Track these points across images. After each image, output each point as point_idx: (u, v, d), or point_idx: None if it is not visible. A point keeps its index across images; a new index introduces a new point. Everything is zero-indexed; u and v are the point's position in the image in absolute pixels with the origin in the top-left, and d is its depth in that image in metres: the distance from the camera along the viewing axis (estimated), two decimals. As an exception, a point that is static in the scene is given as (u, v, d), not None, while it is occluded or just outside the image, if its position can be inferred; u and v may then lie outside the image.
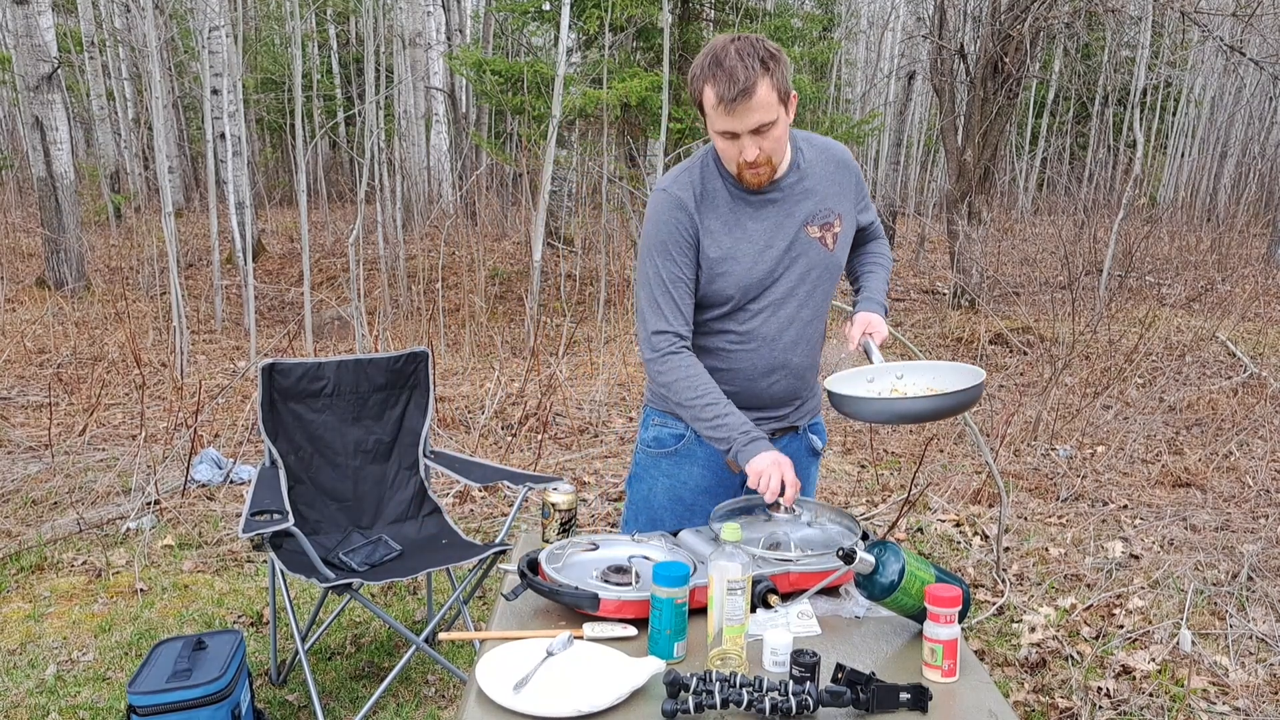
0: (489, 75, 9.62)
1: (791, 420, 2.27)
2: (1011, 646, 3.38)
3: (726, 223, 2.09)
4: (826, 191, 2.15)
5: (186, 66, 16.98)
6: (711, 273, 2.10)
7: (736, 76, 1.88)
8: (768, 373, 2.18)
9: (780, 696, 1.48)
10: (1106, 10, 10.07)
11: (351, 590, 2.64)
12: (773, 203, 2.10)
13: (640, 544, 2.03)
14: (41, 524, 4.19)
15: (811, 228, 2.13)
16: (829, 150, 2.19)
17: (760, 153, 1.97)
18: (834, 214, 2.15)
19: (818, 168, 2.15)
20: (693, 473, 2.25)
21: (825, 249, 2.14)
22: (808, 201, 2.13)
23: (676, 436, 2.26)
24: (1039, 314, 9.15)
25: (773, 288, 2.12)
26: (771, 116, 1.93)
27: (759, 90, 1.89)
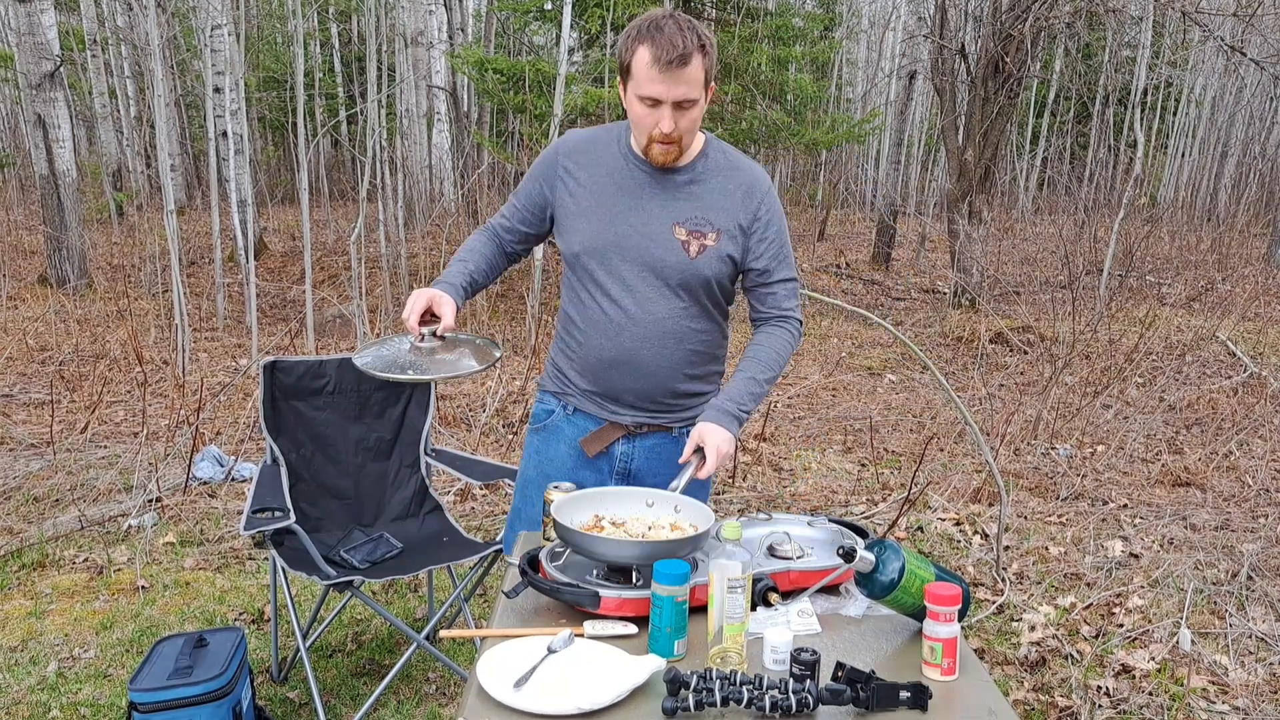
0: (491, 74, 9.62)
1: (661, 420, 2.24)
2: (1011, 645, 3.39)
3: (598, 184, 2.11)
4: (711, 204, 2.10)
5: (189, 64, 16.97)
6: (563, 223, 2.15)
7: (676, 42, 1.90)
8: (614, 363, 2.15)
9: (780, 694, 1.49)
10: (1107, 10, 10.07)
11: (352, 588, 2.64)
12: (653, 189, 2.09)
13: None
14: (43, 521, 4.19)
15: (679, 228, 2.09)
16: (742, 173, 2.13)
17: (675, 129, 1.98)
18: (710, 226, 2.10)
19: (716, 180, 2.11)
20: (560, 451, 2.26)
21: (686, 254, 2.09)
22: (687, 203, 2.10)
23: (547, 412, 2.29)
24: (1039, 313, 9.15)
25: (620, 269, 2.10)
26: (695, 95, 1.95)
27: (693, 62, 1.92)
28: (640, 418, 2.23)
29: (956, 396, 3.94)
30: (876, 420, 5.99)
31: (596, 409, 2.24)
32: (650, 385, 2.18)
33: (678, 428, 2.25)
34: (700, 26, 1.96)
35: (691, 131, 2.02)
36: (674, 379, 2.19)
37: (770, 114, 9.69)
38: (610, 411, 2.23)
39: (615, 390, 2.20)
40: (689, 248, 2.09)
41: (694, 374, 2.21)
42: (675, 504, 2.01)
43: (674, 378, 2.19)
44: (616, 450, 2.25)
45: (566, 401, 2.27)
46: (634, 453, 2.25)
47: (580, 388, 2.25)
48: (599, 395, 2.22)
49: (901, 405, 6.53)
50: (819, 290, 10.70)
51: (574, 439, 2.26)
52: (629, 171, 2.11)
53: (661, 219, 2.09)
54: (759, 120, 9.70)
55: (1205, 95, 18.94)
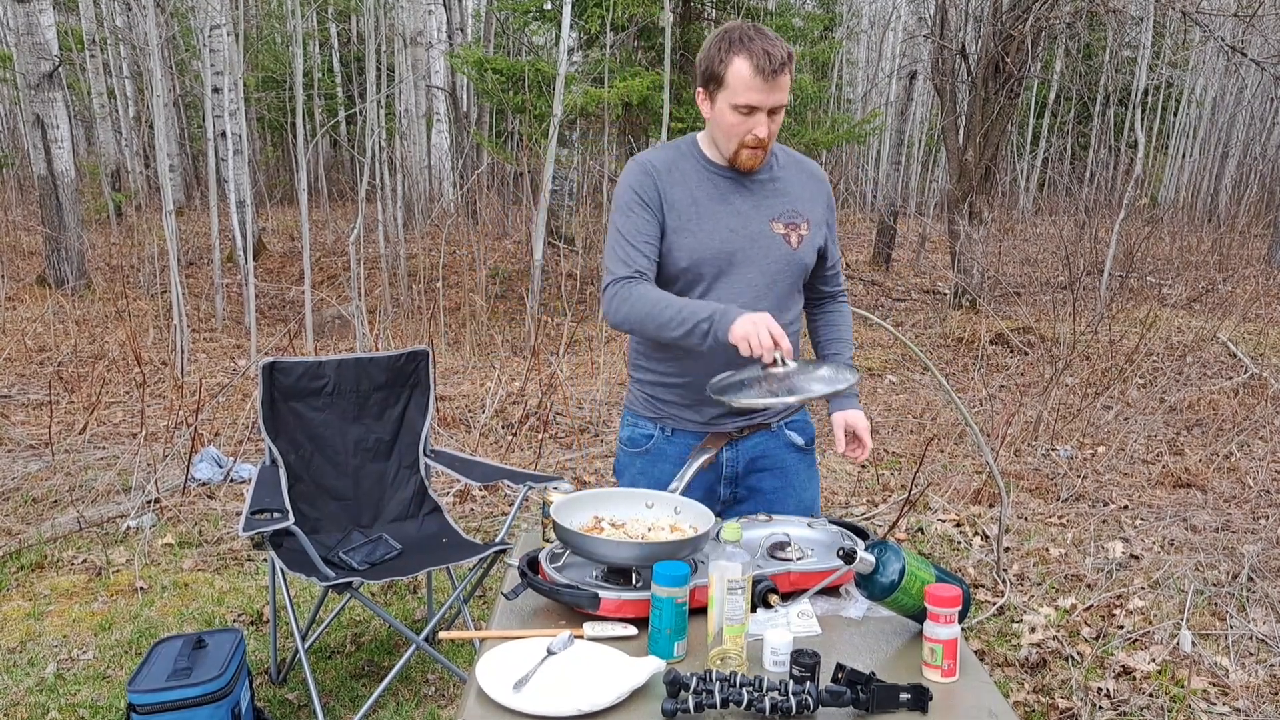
0: (490, 74, 9.62)
1: (761, 418, 2.27)
2: (1012, 646, 3.38)
3: (691, 196, 2.14)
4: (798, 195, 2.20)
5: (187, 65, 16.97)
6: (671, 240, 2.14)
7: (772, 53, 1.98)
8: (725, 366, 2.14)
9: (780, 696, 1.48)
10: (1108, 10, 10.07)
11: (351, 589, 2.64)
12: (742, 190, 2.16)
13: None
14: (42, 522, 4.19)
15: (777, 224, 2.16)
16: (805, 164, 2.27)
17: (769, 134, 2.05)
18: (801, 216, 2.19)
19: (791, 173, 2.22)
20: (665, 470, 2.27)
21: (789, 246, 2.16)
22: (776, 199, 2.17)
23: (646, 436, 2.31)
24: (1040, 314, 9.15)
25: (727, 272, 2.13)
26: (786, 101, 2.04)
27: (786, 73, 2.01)
28: (741, 421, 2.25)
29: (957, 397, 3.93)
30: (877, 421, 5.98)
31: (697, 425, 2.25)
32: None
33: (776, 423, 2.29)
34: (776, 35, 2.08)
35: (770, 134, 2.08)
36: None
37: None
38: (712, 422, 2.24)
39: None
40: (790, 239, 2.17)
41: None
42: (675, 505, 2.01)
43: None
44: (723, 457, 2.27)
45: (664, 424, 2.29)
46: (739, 456, 2.28)
47: (679, 405, 2.25)
48: (701, 406, 2.20)
49: (902, 406, 6.53)
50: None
51: (678, 458, 2.25)
52: (713, 180, 2.16)
53: (757, 218, 2.15)
54: (759, 120, 9.67)
55: (1206, 96, 18.94)
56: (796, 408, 2.32)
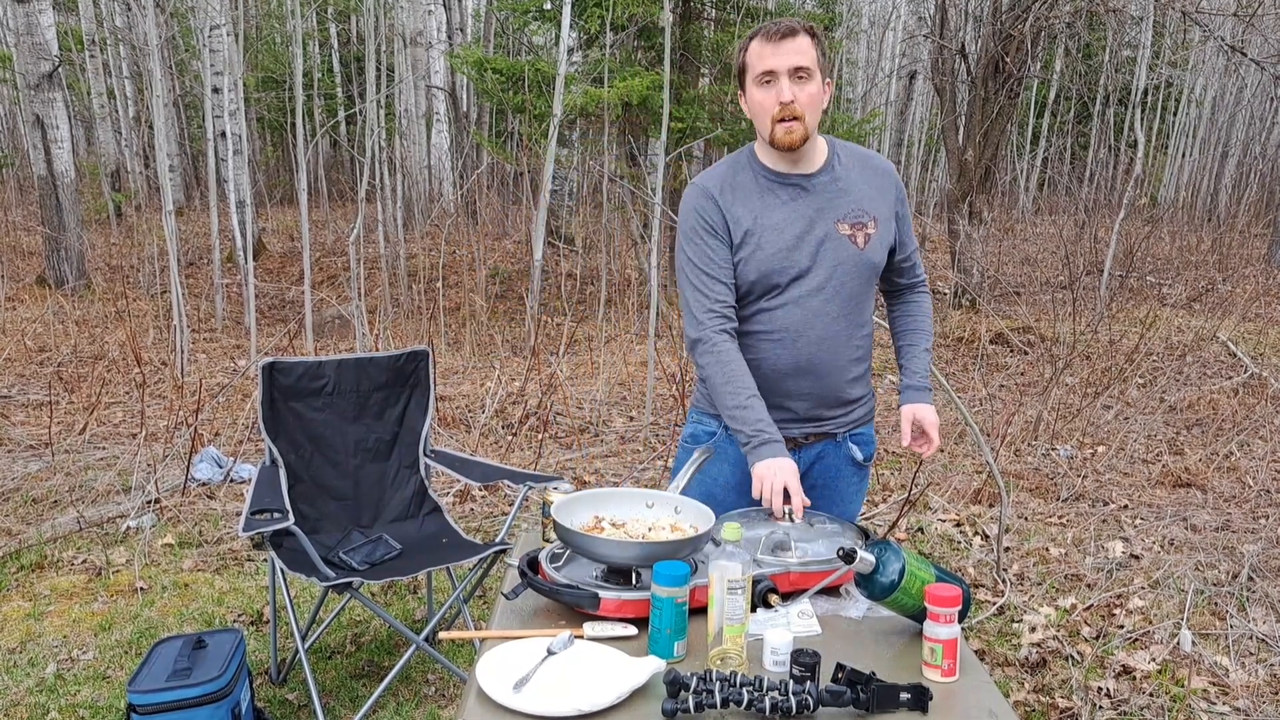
0: (490, 74, 9.61)
1: (828, 427, 2.25)
2: (1012, 646, 3.38)
3: (753, 209, 2.13)
4: (862, 193, 2.17)
5: (187, 65, 16.97)
6: (736, 257, 2.14)
7: (781, 22, 2.04)
8: (793, 371, 2.17)
9: (780, 696, 1.48)
10: (1107, 10, 10.07)
11: (351, 589, 2.64)
12: (804, 194, 2.14)
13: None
14: (42, 522, 4.19)
15: (842, 225, 2.14)
16: (869, 158, 2.23)
17: (795, 100, 2.02)
18: (868, 215, 2.16)
19: (854, 171, 2.19)
20: (723, 470, 2.27)
21: (856, 247, 2.14)
22: (840, 199, 2.15)
23: (709, 434, 2.30)
24: (1040, 314, 9.15)
25: (797, 278, 2.13)
26: (807, 64, 2.02)
27: (801, 36, 2.02)
28: (808, 428, 2.24)
29: (957, 397, 3.93)
30: (876, 421, 5.97)
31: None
32: (824, 389, 2.21)
33: (841, 433, 2.28)
34: (812, 23, 2.10)
35: (812, 110, 2.05)
36: (843, 382, 2.23)
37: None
38: (782, 425, 2.19)
39: (790, 401, 2.21)
40: (856, 240, 2.15)
41: (858, 375, 2.26)
42: (675, 505, 2.01)
43: (843, 380, 2.23)
44: None
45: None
46: (801, 463, 2.26)
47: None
48: (769, 410, 2.17)
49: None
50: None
51: (738, 459, 2.22)
52: (773, 188, 2.14)
53: (822, 222, 2.14)
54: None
55: (1205, 95, 18.94)
56: (864, 419, 2.32)
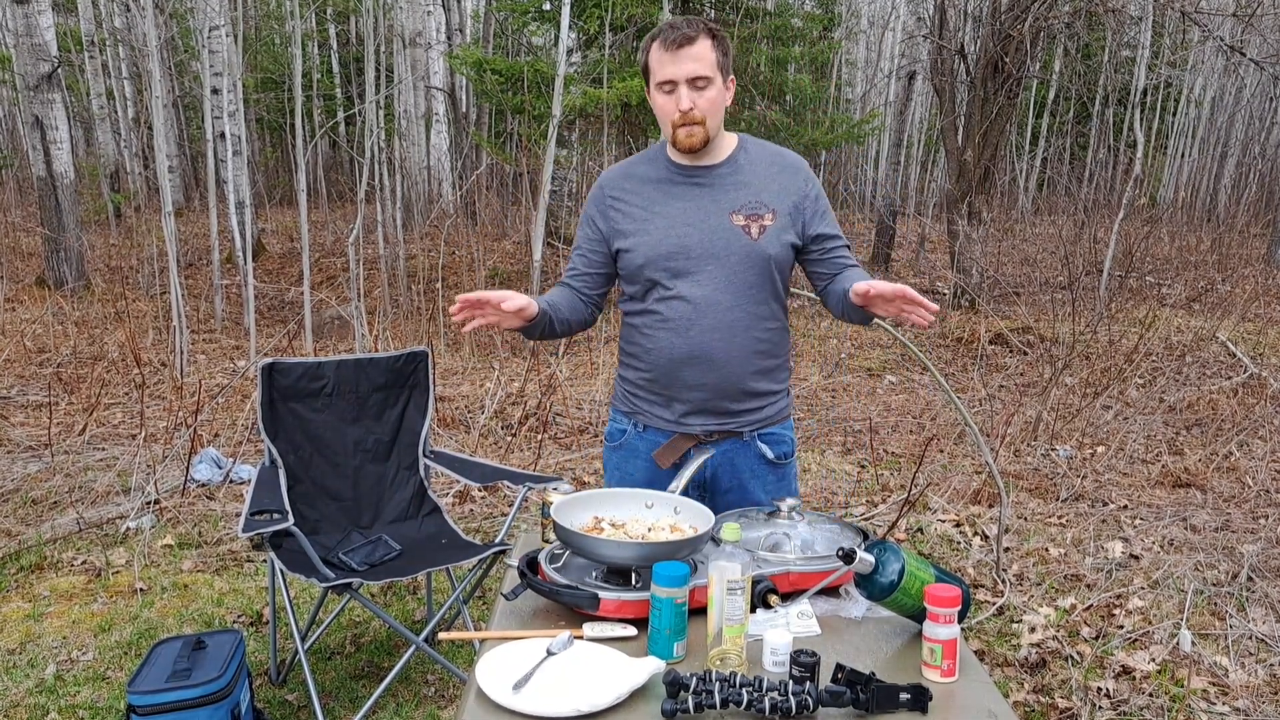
0: (489, 75, 9.62)
1: (732, 425, 2.24)
2: (1011, 647, 3.38)
3: (649, 197, 2.21)
4: (762, 186, 2.20)
5: (186, 66, 16.97)
6: (624, 244, 2.22)
7: (679, 27, 2.08)
8: (687, 359, 2.18)
9: (780, 696, 1.48)
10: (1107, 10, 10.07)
11: (351, 590, 2.64)
12: (702, 186, 2.19)
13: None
14: (41, 523, 4.19)
15: (737, 216, 2.17)
16: (779, 155, 2.27)
17: (695, 107, 2.09)
18: (765, 208, 2.19)
19: (760, 166, 2.22)
20: (637, 466, 2.31)
21: (749, 238, 2.16)
22: (738, 192, 2.19)
23: (620, 431, 2.35)
24: (1039, 314, 9.15)
25: (686, 268, 2.16)
26: (707, 72, 2.08)
27: (699, 41, 2.07)
28: (710, 424, 2.24)
29: (956, 397, 3.93)
30: (876, 421, 5.98)
31: (666, 422, 2.26)
32: (721, 379, 2.20)
33: (748, 431, 2.26)
34: (712, 22, 2.13)
35: (713, 113, 2.12)
36: (743, 374, 2.21)
37: (769, 114, 9.69)
38: (680, 423, 2.24)
39: (686, 392, 2.22)
40: (750, 230, 2.17)
41: (762, 369, 2.23)
42: (675, 505, 2.01)
43: (743, 372, 2.21)
44: (690, 457, 2.26)
45: (637, 420, 2.31)
46: (708, 466, 2.27)
47: (650, 401, 2.27)
48: (670, 403, 2.23)
49: (901, 406, 6.52)
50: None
51: (648, 454, 2.28)
52: (673, 179, 2.21)
53: (717, 212, 2.18)
54: (758, 120, 9.70)
55: (1205, 95, 18.95)
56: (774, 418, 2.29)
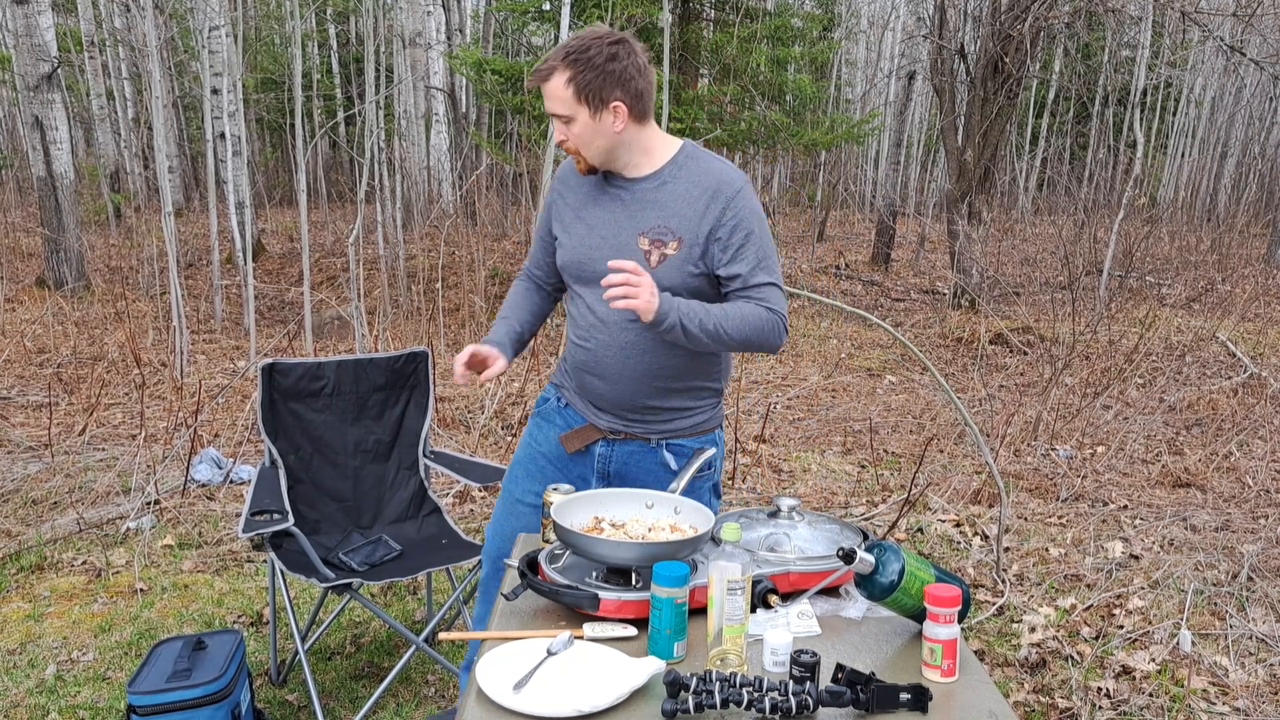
0: (489, 75, 9.62)
1: (637, 430, 2.25)
2: (1011, 647, 3.38)
3: (581, 200, 2.22)
4: (675, 211, 2.10)
5: (186, 66, 16.97)
6: (557, 238, 2.27)
7: (539, 67, 2.07)
8: (585, 368, 2.23)
9: (780, 696, 1.48)
10: (1106, 10, 10.08)
11: (351, 590, 2.64)
12: (622, 199, 2.16)
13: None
14: (41, 524, 4.19)
15: (644, 238, 2.12)
16: (709, 177, 2.10)
17: (566, 139, 2.10)
18: (671, 234, 2.09)
19: (681, 186, 2.11)
20: (549, 433, 2.35)
21: (648, 264, 2.10)
22: (650, 211, 2.12)
23: (545, 399, 2.40)
24: (1039, 314, 9.15)
25: (590, 281, 2.17)
26: (564, 111, 2.06)
27: (552, 80, 2.06)
28: (615, 424, 2.26)
29: (956, 398, 3.93)
30: (876, 421, 5.98)
31: (582, 407, 2.31)
32: (618, 393, 2.21)
33: (655, 438, 2.26)
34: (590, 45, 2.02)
35: (586, 144, 2.10)
36: (642, 391, 2.20)
37: (769, 114, 9.69)
38: (592, 413, 2.29)
39: (590, 394, 2.27)
40: (650, 257, 2.11)
41: (668, 388, 2.20)
42: (675, 505, 2.01)
43: (641, 390, 2.19)
44: (596, 450, 2.30)
45: (562, 394, 2.37)
46: (612, 455, 2.29)
47: (573, 384, 2.33)
48: (585, 397, 2.30)
49: (901, 406, 6.53)
50: (818, 291, 10.70)
51: (564, 427, 2.34)
52: (603, 186, 2.20)
53: (629, 229, 2.14)
54: (758, 121, 9.70)
55: (1205, 95, 18.95)
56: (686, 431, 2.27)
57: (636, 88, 2.06)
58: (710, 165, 2.13)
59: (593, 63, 2.02)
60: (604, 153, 2.11)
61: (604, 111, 2.05)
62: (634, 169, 2.14)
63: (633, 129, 2.09)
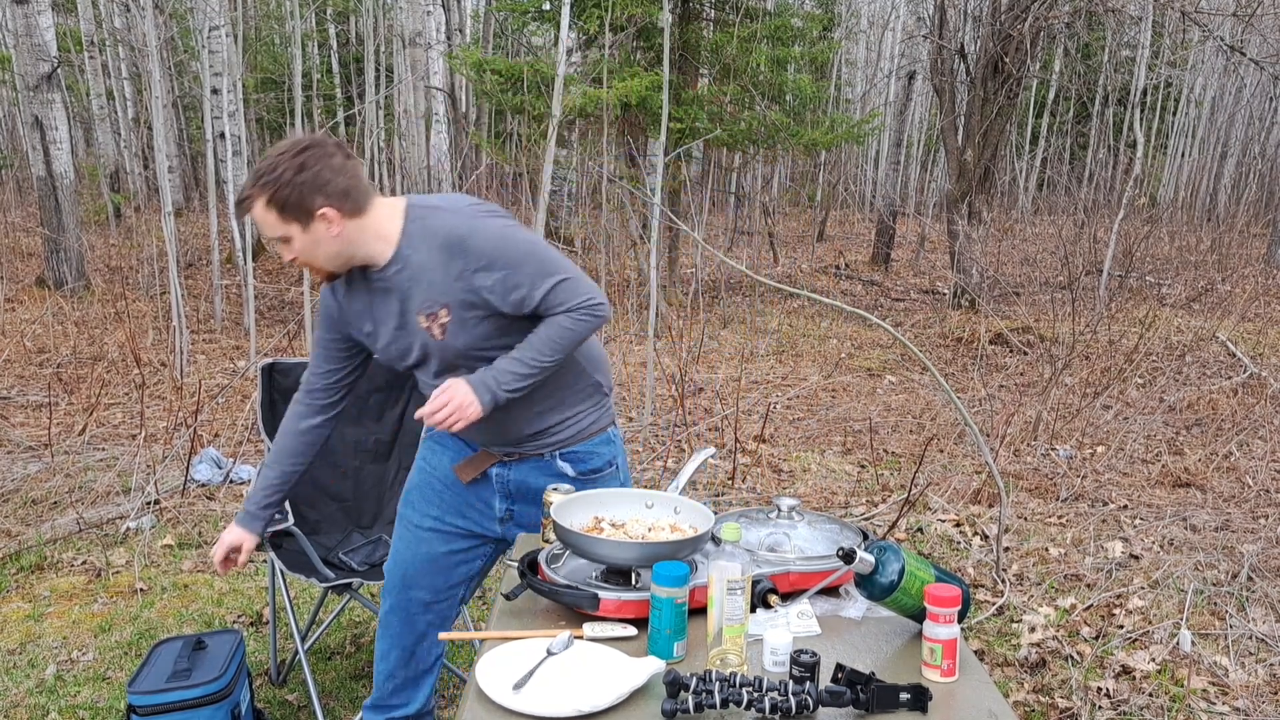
0: (489, 75, 9.63)
1: (527, 449, 2.26)
2: (1011, 646, 3.38)
3: (361, 306, 2.18)
4: (429, 280, 2.06)
5: (186, 66, 16.97)
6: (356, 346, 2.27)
7: (240, 193, 2.02)
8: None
9: (780, 696, 1.48)
10: (1107, 10, 10.08)
11: (351, 590, 2.64)
12: (386, 292, 2.12)
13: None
14: (41, 524, 4.19)
15: (421, 316, 2.10)
16: (435, 237, 2.05)
17: (294, 257, 2.05)
18: (437, 304, 2.07)
19: (419, 256, 2.06)
20: (443, 460, 2.35)
21: (434, 338, 2.11)
22: (413, 291, 2.08)
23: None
24: (1039, 314, 9.15)
25: (414, 365, 2.19)
26: (277, 234, 2.01)
27: (254, 209, 2.00)
28: (507, 449, 2.27)
29: (956, 397, 3.94)
30: (876, 421, 5.98)
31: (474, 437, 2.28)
32: (495, 433, 2.22)
33: (548, 452, 2.26)
34: (281, 164, 1.97)
35: (313, 256, 2.05)
36: (515, 425, 2.20)
37: (769, 114, 9.69)
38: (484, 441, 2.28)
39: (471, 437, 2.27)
40: (433, 331, 2.10)
41: (538, 411, 2.20)
42: (675, 505, 2.01)
43: (514, 424, 2.20)
44: (492, 473, 2.30)
45: None
46: (509, 475, 2.29)
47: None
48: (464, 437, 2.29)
49: (901, 406, 6.53)
50: (818, 291, 10.70)
51: (458, 451, 2.33)
52: (369, 284, 2.13)
53: (408, 315, 2.11)
54: (758, 121, 9.71)
55: (1205, 95, 18.96)
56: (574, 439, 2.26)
57: (339, 187, 1.99)
58: (433, 223, 2.06)
59: (283, 180, 1.95)
60: (336, 257, 2.06)
61: (314, 222, 1.99)
62: (379, 258, 2.07)
63: (352, 226, 2.02)
